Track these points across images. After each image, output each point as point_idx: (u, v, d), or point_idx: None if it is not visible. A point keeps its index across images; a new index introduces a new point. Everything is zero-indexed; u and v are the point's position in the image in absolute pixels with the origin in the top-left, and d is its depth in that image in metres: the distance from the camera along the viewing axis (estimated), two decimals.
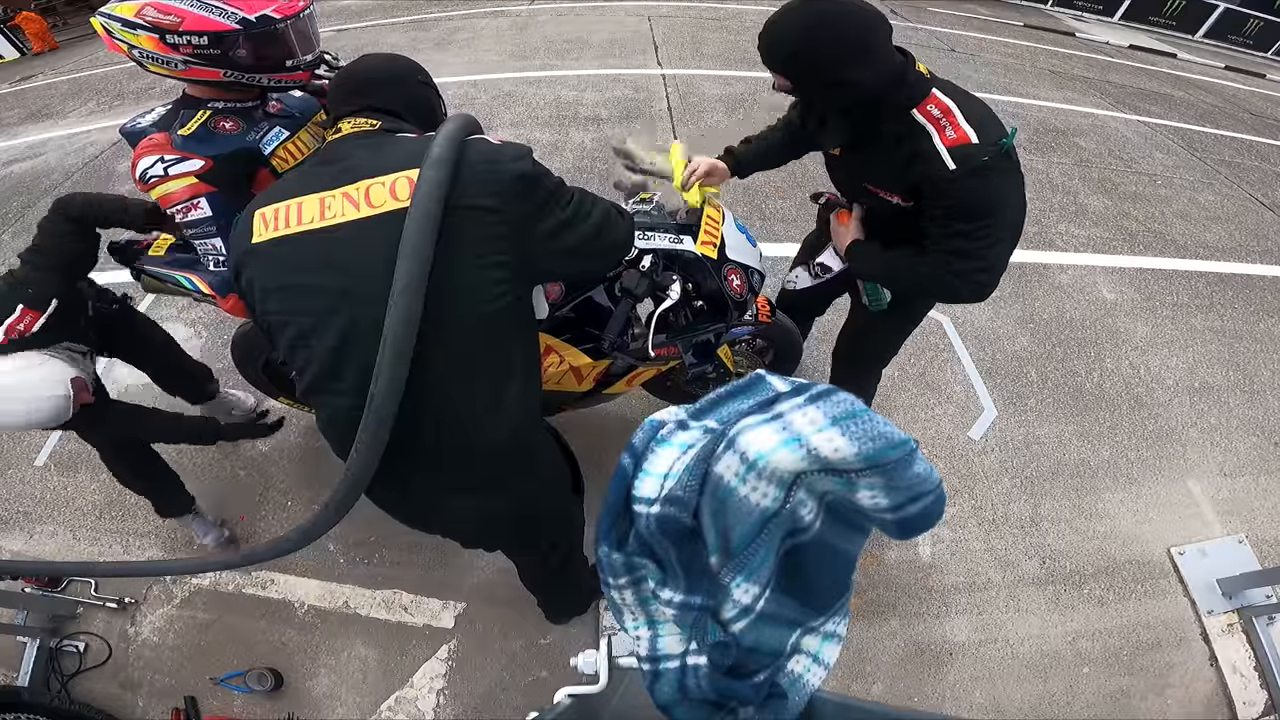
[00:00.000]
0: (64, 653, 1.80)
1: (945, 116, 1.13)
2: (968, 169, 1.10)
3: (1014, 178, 1.16)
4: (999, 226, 1.17)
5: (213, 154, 1.28)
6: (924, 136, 1.13)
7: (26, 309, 1.34)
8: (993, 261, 1.20)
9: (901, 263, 1.31)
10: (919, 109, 1.14)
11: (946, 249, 1.21)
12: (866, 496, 0.41)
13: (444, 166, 0.85)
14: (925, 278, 1.26)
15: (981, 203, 1.14)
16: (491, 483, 1.04)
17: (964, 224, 1.16)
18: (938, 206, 1.18)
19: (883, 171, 1.25)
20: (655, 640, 0.51)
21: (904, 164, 1.18)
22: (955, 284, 1.23)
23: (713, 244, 1.50)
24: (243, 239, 0.94)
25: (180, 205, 1.27)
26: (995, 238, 1.17)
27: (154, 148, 1.25)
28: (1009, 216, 1.18)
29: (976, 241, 1.17)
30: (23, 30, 9.90)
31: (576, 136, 4.42)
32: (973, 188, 1.12)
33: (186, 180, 1.25)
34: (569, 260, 1.02)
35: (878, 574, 1.98)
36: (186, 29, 1.19)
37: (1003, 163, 1.12)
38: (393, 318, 0.81)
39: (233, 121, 1.34)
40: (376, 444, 0.86)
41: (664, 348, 1.55)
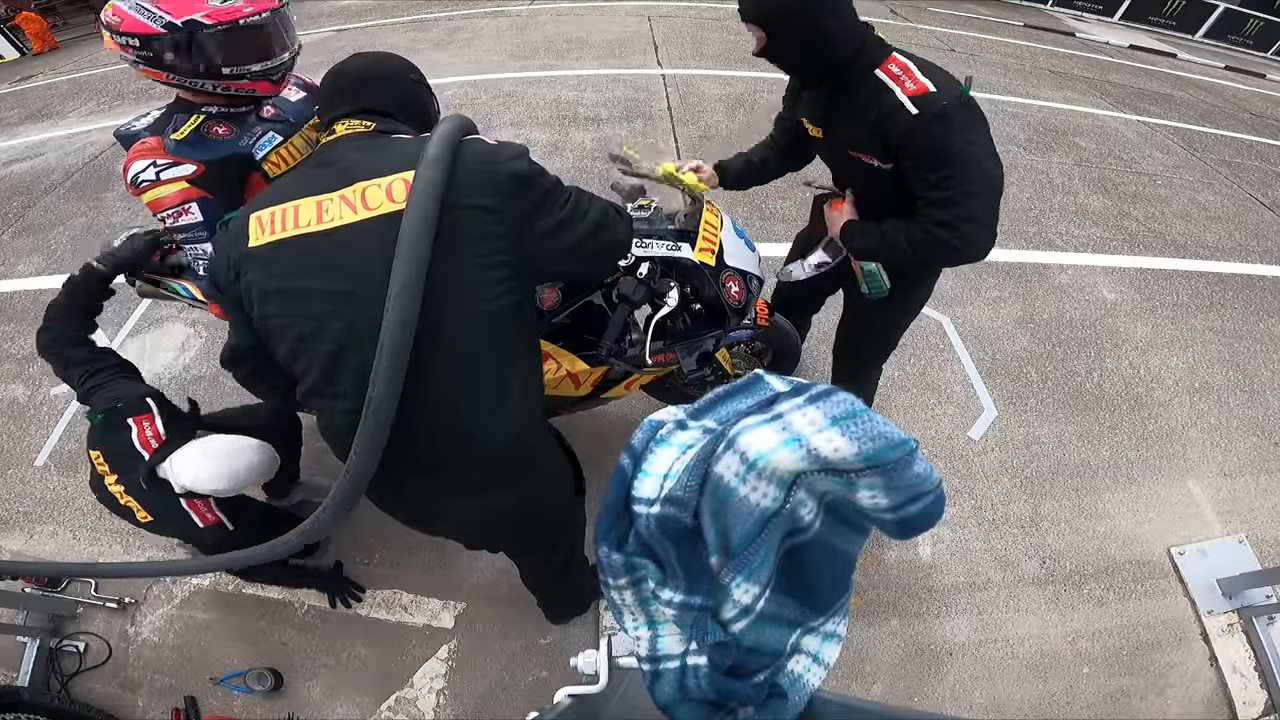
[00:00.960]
0: (64, 653, 1.80)
1: (904, 72, 1.20)
2: (930, 114, 1.15)
3: (977, 126, 1.19)
4: (971, 173, 1.19)
5: (205, 159, 1.27)
6: (887, 92, 1.19)
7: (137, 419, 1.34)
8: (976, 211, 1.21)
9: (893, 232, 1.33)
10: (881, 68, 1.21)
11: (927, 201, 1.24)
12: (866, 496, 0.41)
13: (439, 167, 0.85)
14: (917, 240, 1.28)
15: (946, 147, 1.18)
16: (494, 483, 1.04)
17: (936, 172, 1.20)
18: (909, 158, 1.22)
19: (859, 135, 1.29)
20: (655, 640, 0.51)
21: (875, 123, 1.23)
22: (943, 236, 1.23)
23: (711, 250, 1.49)
24: (238, 242, 0.93)
25: (171, 210, 1.26)
26: (971, 187, 1.20)
27: (146, 152, 1.24)
28: (981, 165, 1.20)
29: (951, 189, 1.20)
30: (23, 30, 9.90)
31: (576, 136, 4.41)
32: (936, 133, 1.17)
33: (178, 185, 1.25)
34: (567, 259, 1.01)
35: (878, 574, 1.98)
36: (124, 30, 1.20)
37: (962, 110, 1.17)
38: (389, 320, 0.81)
39: (226, 126, 1.33)
40: (374, 447, 0.86)
41: (662, 354, 1.55)
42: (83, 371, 1.40)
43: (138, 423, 1.33)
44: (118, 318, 2.92)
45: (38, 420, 2.50)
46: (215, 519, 1.39)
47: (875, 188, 1.37)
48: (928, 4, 10.20)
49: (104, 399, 1.37)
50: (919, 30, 8.26)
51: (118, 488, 1.35)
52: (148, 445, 1.32)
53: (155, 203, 1.26)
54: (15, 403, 2.58)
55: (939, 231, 1.24)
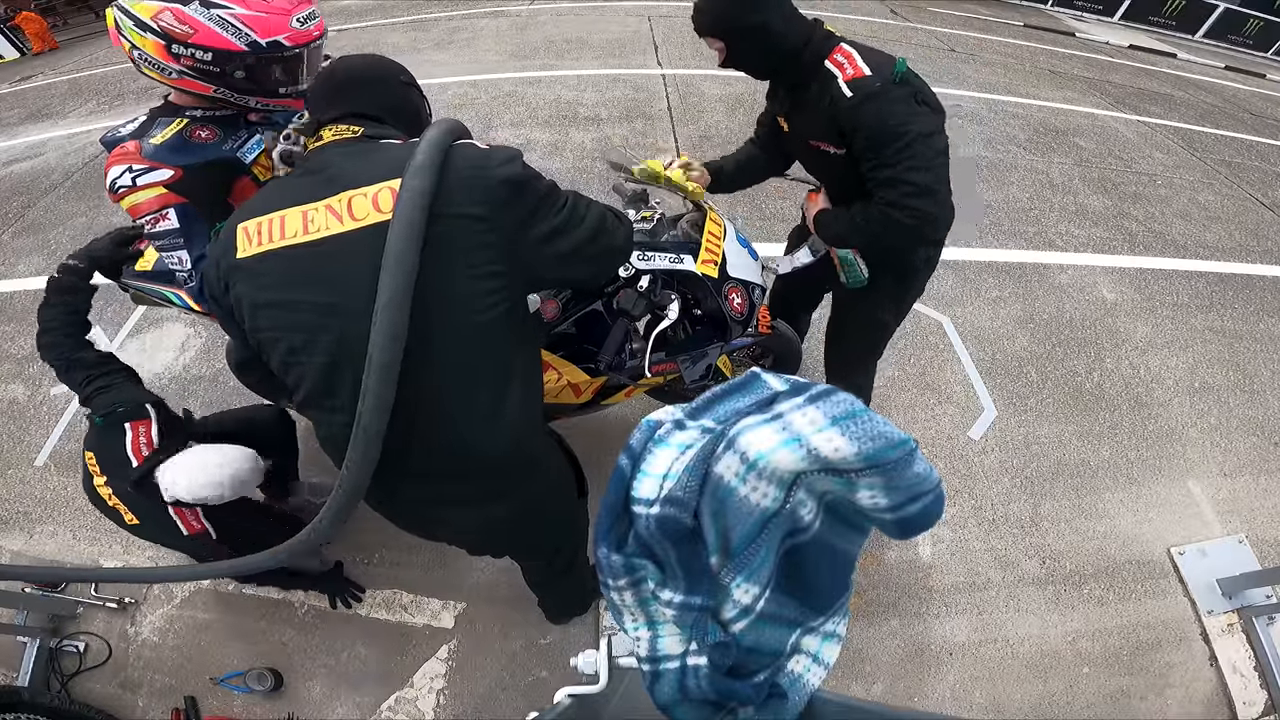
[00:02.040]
0: (64, 653, 1.80)
1: (847, 60, 1.28)
2: (863, 95, 1.23)
3: (913, 103, 1.25)
4: (912, 149, 1.23)
5: (184, 164, 1.24)
6: (831, 80, 1.28)
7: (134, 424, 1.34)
8: (920, 184, 1.24)
9: (855, 216, 1.39)
10: (829, 58, 1.29)
11: (876, 181, 1.29)
12: (866, 496, 0.41)
13: (427, 174, 0.82)
14: (873, 220, 1.34)
15: (883, 126, 1.23)
16: (492, 492, 1.03)
17: (877, 152, 1.26)
18: (855, 142, 1.29)
19: (814, 124, 1.37)
20: (655, 641, 0.51)
21: (824, 110, 1.31)
22: (894, 215, 1.28)
23: (714, 262, 1.48)
24: (227, 253, 0.91)
25: (149, 216, 1.24)
26: (914, 162, 1.23)
27: (123, 157, 1.22)
28: (924, 142, 1.24)
29: (894, 168, 1.25)
30: (23, 30, 9.90)
31: (576, 136, 4.41)
32: (870, 112, 1.23)
33: (155, 190, 1.22)
34: (564, 266, 0.99)
35: (878, 574, 1.98)
36: (196, 42, 1.16)
37: (896, 89, 1.24)
38: (377, 333, 0.79)
39: (209, 130, 1.30)
40: (367, 463, 0.84)
41: (662, 364, 1.54)
42: (85, 376, 1.40)
43: (134, 428, 1.33)
44: (118, 318, 2.92)
45: (38, 420, 2.50)
46: (200, 528, 1.39)
47: (836, 174, 1.45)
48: (928, 4, 10.20)
49: (105, 402, 1.37)
50: (919, 30, 8.26)
51: (106, 490, 1.36)
52: (139, 452, 1.32)
53: (133, 208, 1.23)
54: (15, 403, 2.58)
55: (890, 211, 1.29)
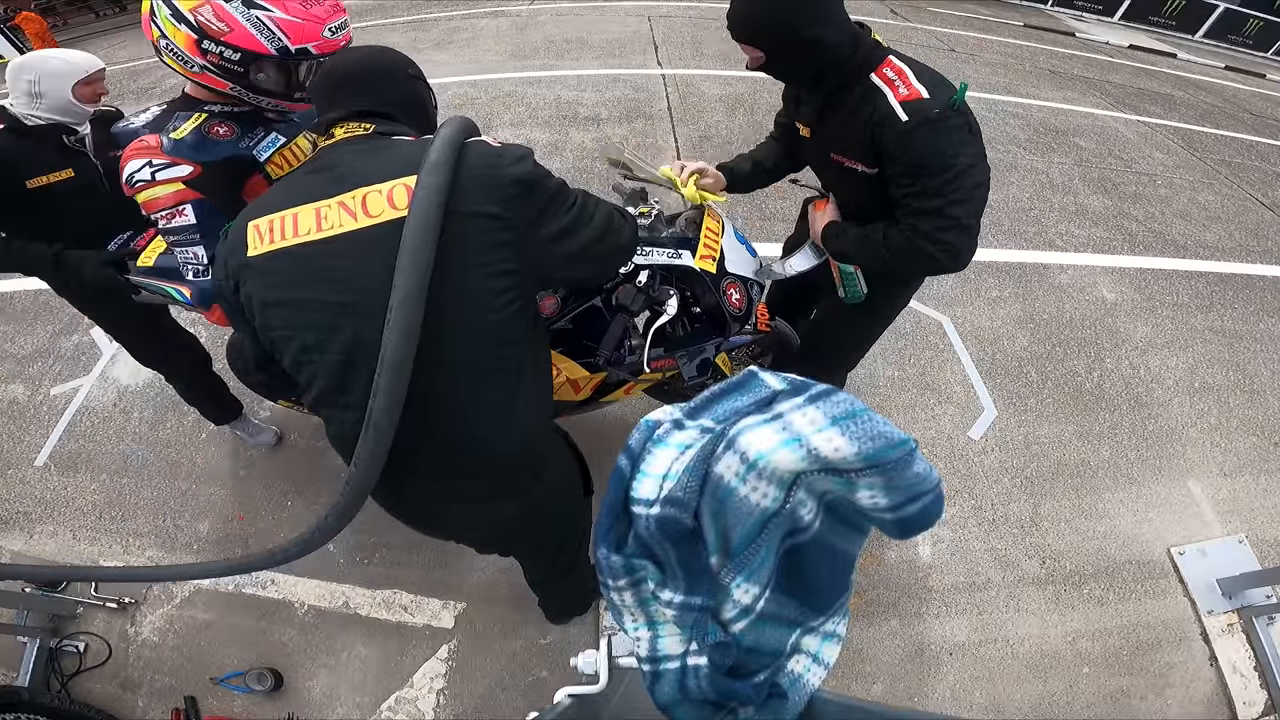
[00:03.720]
0: (64, 653, 1.80)
1: (899, 77, 1.18)
2: (919, 120, 1.14)
3: (966, 133, 1.18)
4: (958, 182, 1.17)
5: (203, 160, 1.24)
6: (880, 97, 1.18)
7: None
8: (960, 219, 1.19)
9: (873, 236, 1.31)
10: (876, 72, 1.20)
11: (911, 210, 1.22)
12: (866, 496, 0.41)
13: (442, 172, 0.82)
14: (896, 247, 1.27)
15: (936, 156, 1.16)
16: (503, 490, 1.03)
17: (922, 181, 1.18)
18: (896, 164, 1.20)
19: (847, 138, 1.28)
20: (655, 641, 0.51)
21: (864, 127, 1.21)
22: (925, 247, 1.22)
23: (712, 258, 1.48)
24: (237, 251, 0.91)
25: (165, 211, 1.24)
26: (957, 195, 1.18)
27: (144, 151, 1.22)
28: (969, 175, 1.18)
29: (937, 199, 1.18)
30: (23, 30, 9.89)
31: (576, 137, 4.42)
32: (925, 140, 1.15)
33: (173, 186, 1.22)
34: (572, 265, 1.00)
35: (878, 574, 1.98)
36: (228, 40, 1.17)
37: (954, 118, 1.15)
38: (390, 331, 0.79)
39: (227, 127, 1.31)
40: (375, 460, 0.84)
41: (661, 360, 1.54)
42: None
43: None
44: None
45: (38, 420, 2.50)
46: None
47: (857, 191, 1.36)
48: (928, 4, 10.20)
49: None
50: (919, 30, 8.26)
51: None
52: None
53: (149, 203, 1.24)
54: (15, 403, 2.58)
55: (921, 242, 1.22)
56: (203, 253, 1.28)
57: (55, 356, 2.77)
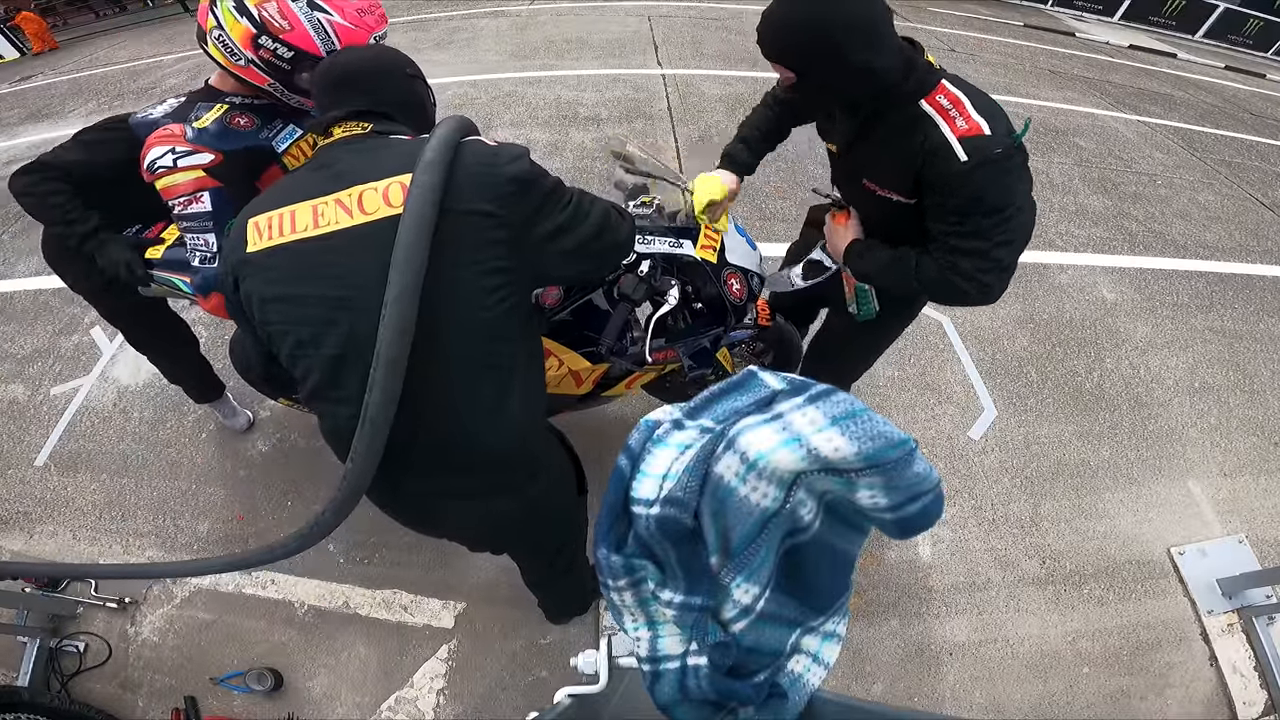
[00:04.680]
0: (64, 653, 1.80)
1: (955, 107, 1.07)
2: (980, 160, 1.04)
3: (1024, 175, 1.10)
4: (1008, 225, 1.10)
5: (224, 149, 1.28)
6: (933, 128, 1.07)
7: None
8: (1002, 260, 1.13)
9: (906, 263, 1.24)
10: (927, 99, 1.09)
11: (951, 247, 1.15)
12: (866, 496, 0.41)
13: (437, 170, 0.83)
14: (929, 279, 1.20)
15: (994, 198, 1.08)
16: (496, 486, 1.04)
17: (973, 221, 1.10)
18: (945, 202, 1.12)
19: (885, 167, 1.19)
20: (655, 641, 0.51)
21: (909, 157, 1.11)
22: (960, 284, 1.16)
23: (713, 248, 1.49)
24: (237, 247, 0.92)
25: (183, 198, 1.27)
26: (1006, 237, 1.11)
27: (167, 138, 1.26)
28: (1021, 215, 1.11)
29: (984, 240, 1.11)
30: (23, 30, 9.91)
31: (576, 136, 4.42)
32: (985, 182, 1.06)
33: (194, 173, 1.26)
34: (568, 263, 1.00)
35: (878, 574, 1.98)
36: (287, 39, 1.21)
37: (1016, 157, 1.07)
38: (385, 327, 0.80)
39: (247, 118, 1.34)
40: (372, 455, 0.85)
41: (662, 351, 1.54)
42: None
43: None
44: None
45: (38, 420, 2.50)
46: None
47: (887, 217, 1.28)
48: (928, 4, 10.20)
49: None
50: (919, 30, 8.26)
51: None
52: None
53: (168, 189, 1.27)
54: (15, 403, 2.58)
55: (958, 280, 1.16)
56: (213, 240, 1.31)
57: (55, 356, 2.77)
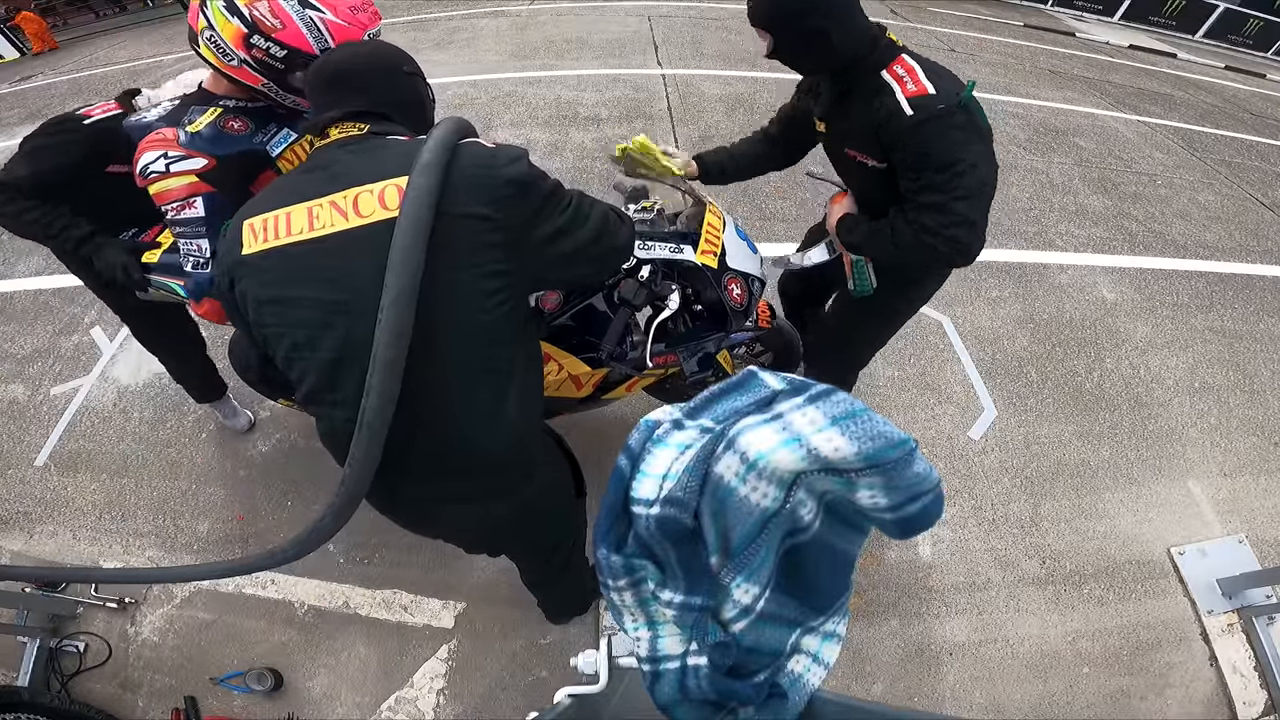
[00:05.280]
0: (64, 653, 1.80)
1: (909, 74, 1.21)
2: (925, 116, 1.17)
3: (972, 131, 1.20)
4: (962, 179, 1.19)
5: (218, 154, 1.26)
6: (889, 93, 1.22)
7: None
8: (964, 214, 1.21)
9: (882, 229, 1.36)
10: (887, 69, 1.23)
11: (916, 205, 1.26)
12: (866, 496, 0.41)
13: (434, 173, 0.82)
14: (902, 240, 1.30)
15: (939, 151, 1.18)
16: (493, 490, 1.04)
17: (926, 175, 1.21)
18: (902, 159, 1.24)
19: (858, 133, 1.32)
20: (655, 641, 0.51)
21: (873, 121, 1.25)
22: (928, 240, 1.25)
23: (713, 253, 1.49)
24: (233, 250, 0.92)
25: (176, 204, 1.26)
26: (960, 191, 1.20)
27: (159, 143, 1.24)
28: (976, 171, 1.20)
29: (941, 194, 1.20)
30: (23, 30, 9.91)
31: (576, 137, 4.41)
32: (929, 135, 1.18)
33: (186, 179, 1.24)
34: (567, 266, 0.99)
35: (878, 574, 1.98)
36: (279, 38, 1.19)
37: (959, 115, 1.18)
38: (382, 331, 0.79)
39: (241, 121, 1.33)
40: (369, 460, 0.85)
41: (663, 356, 1.54)
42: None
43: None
44: (118, 318, 2.92)
45: (38, 420, 2.50)
46: None
47: (870, 185, 1.40)
48: (928, 4, 10.20)
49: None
50: (919, 30, 8.26)
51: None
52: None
53: (161, 194, 1.26)
54: (15, 403, 2.58)
55: (925, 236, 1.25)
56: (206, 246, 1.29)
57: (55, 356, 2.77)
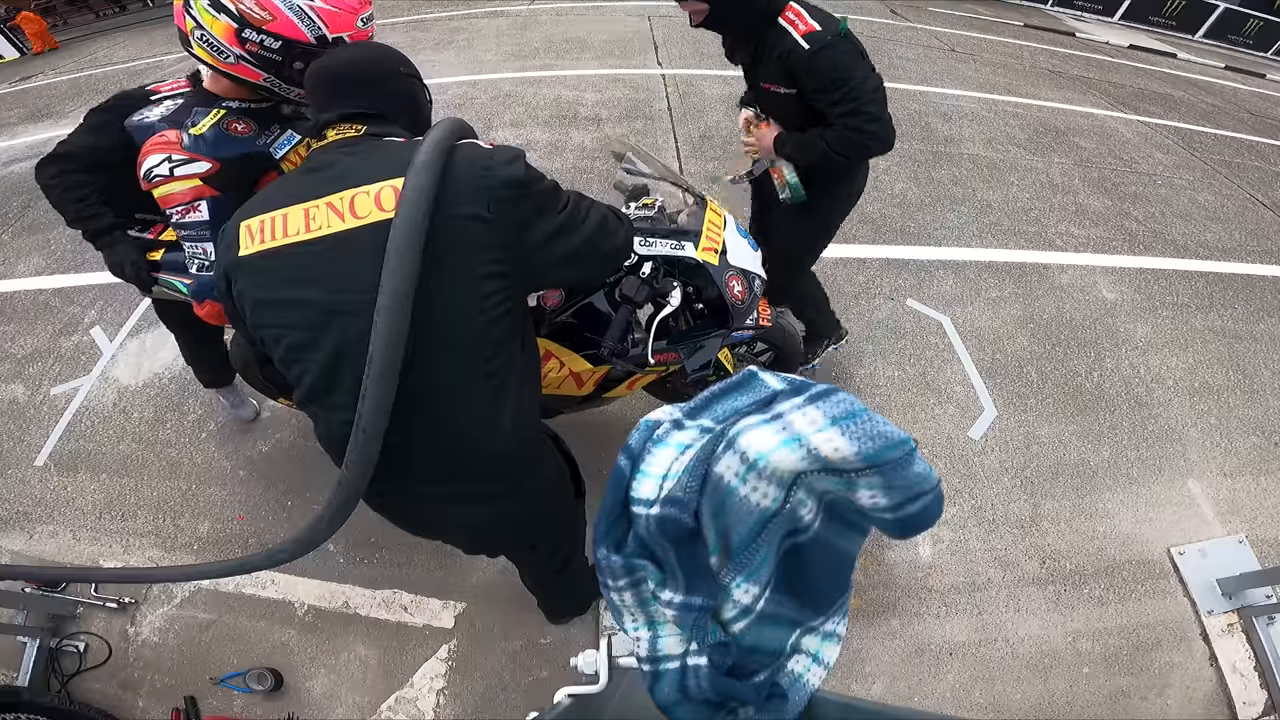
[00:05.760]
0: (64, 653, 1.80)
1: (798, 18, 1.54)
2: (817, 46, 1.50)
3: (856, 53, 1.56)
4: (861, 88, 1.53)
5: (221, 157, 1.26)
6: (787, 34, 1.53)
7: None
8: (873, 113, 1.55)
9: (815, 139, 1.67)
10: (782, 16, 1.55)
11: (836, 115, 1.58)
12: (866, 496, 0.41)
13: (429, 174, 0.82)
14: (834, 140, 1.62)
15: (836, 70, 1.52)
16: (492, 490, 1.04)
17: (833, 91, 1.54)
18: (810, 83, 1.57)
19: (771, 68, 1.64)
20: (655, 641, 0.51)
21: (780, 58, 1.57)
22: (854, 138, 1.58)
23: (714, 250, 1.49)
24: (230, 251, 0.92)
25: (180, 207, 1.25)
26: (864, 97, 1.54)
27: (163, 145, 1.23)
28: (868, 82, 1.55)
29: (851, 103, 1.54)
30: (23, 30, 9.91)
31: (576, 137, 4.41)
32: (825, 62, 1.52)
33: (191, 182, 1.24)
34: (565, 267, 0.99)
35: (878, 574, 1.98)
36: (270, 29, 1.18)
37: (842, 43, 1.52)
38: (377, 334, 0.79)
39: (245, 123, 1.32)
40: (366, 462, 0.85)
41: (664, 354, 1.54)
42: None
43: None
44: (118, 318, 2.92)
45: (38, 420, 2.50)
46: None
47: (787, 110, 1.72)
48: (928, 4, 10.19)
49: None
50: (919, 30, 8.26)
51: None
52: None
53: (165, 198, 1.25)
54: (15, 403, 2.58)
55: (851, 134, 1.58)
56: (211, 249, 1.29)
57: (55, 356, 2.77)
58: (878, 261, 3.19)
